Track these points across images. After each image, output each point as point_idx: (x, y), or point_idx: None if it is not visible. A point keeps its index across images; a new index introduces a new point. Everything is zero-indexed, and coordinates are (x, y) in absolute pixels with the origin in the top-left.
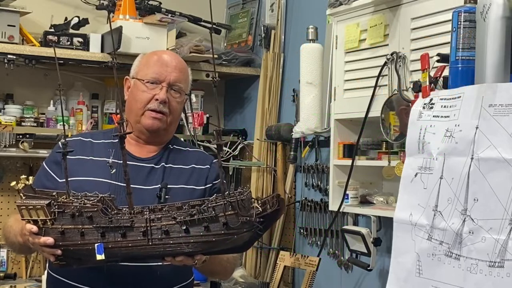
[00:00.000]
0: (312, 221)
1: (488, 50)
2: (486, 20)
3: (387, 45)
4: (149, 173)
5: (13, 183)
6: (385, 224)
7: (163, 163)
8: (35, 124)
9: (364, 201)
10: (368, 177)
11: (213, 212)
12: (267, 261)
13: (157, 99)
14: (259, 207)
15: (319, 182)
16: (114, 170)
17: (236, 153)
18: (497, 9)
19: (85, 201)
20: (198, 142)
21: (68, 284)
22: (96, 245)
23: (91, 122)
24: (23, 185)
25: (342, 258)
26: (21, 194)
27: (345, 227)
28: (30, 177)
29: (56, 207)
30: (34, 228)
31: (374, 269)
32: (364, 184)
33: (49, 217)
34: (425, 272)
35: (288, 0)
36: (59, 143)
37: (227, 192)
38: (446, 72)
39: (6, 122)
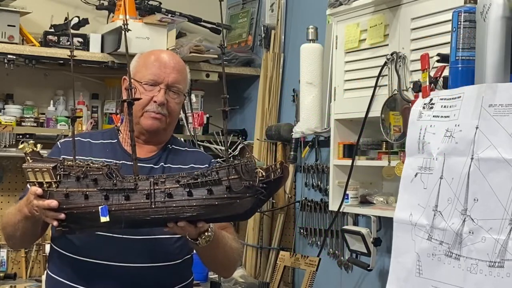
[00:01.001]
0: (312, 221)
1: (488, 50)
2: (486, 20)
3: (387, 45)
4: (149, 173)
5: (21, 145)
6: (385, 224)
7: (162, 163)
8: (35, 124)
9: (364, 201)
10: (368, 177)
11: (217, 176)
12: (267, 261)
13: (155, 101)
14: (263, 172)
15: (319, 182)
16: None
17: (236, 153)
18: (497, 9)
19: (91, 165)
20: (198, 142)
21: (66, 285)
22: (100, 207)
23: (91, 122)
24: (31, 149)
25: (342, 258)
26: (28, 157)
27: (345, 227)
28: (38, 144)
29: (62, 169)
30: (39, 190)
31: (374, 269)
32: (364, 184)
33: (54, 180)
34: (425, 272)
35: (288, 0)
36: (58, 143)
37: (232, 159)
38: (446, 72)
39: (6, 122)
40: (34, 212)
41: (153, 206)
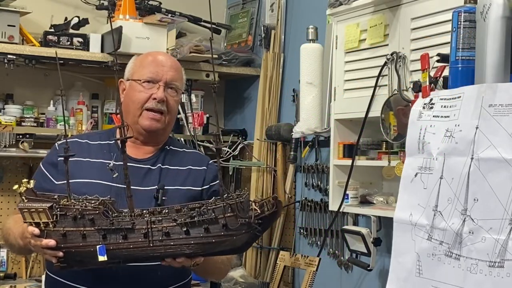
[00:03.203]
0: (312, 221)
1: (488, 50)
2: (486, 20)
3: (387, 45)
4: (146, 174)
5: (15, 186)
6: (385, 224)
7: (160, 164)
8: (35, 124)
9: (364, 201)
10: (368, 177)
11: (213, 214)
12: (267, 261)
13: (154, 98)
14: (257, 209)
15: (319, 182)
16: (116, 174)
17: (236, 153)
18: (497, 9)
19: (86, 203)
20: (198, 142)
21: (66, 285)
22: (98, 246)
23: (91, 122)
24: (25, 188)
25: (342, 258)
26: (23, 197)
27: (345, 227)
28: (31, 181)
29: (58, 209)
30: (36, 231)
31: (374, 269)
32: (364, 184)
33: (51, 220)
34: (425, 272)
35: (288, 0)
36: (56, 144)
37: (226, 195)
38: (446, 72)
39: (6, 122)
40: (30, 248)
41: (151, 245)
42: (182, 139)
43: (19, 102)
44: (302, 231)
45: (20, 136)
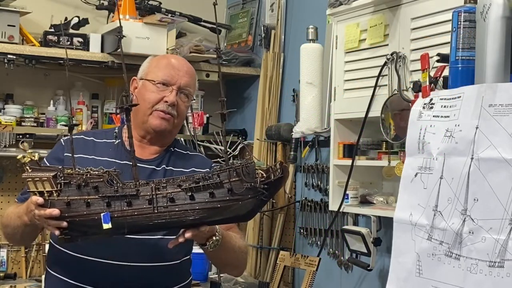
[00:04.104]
0: (312, 221)
1: (488, 50)
2: (486, 20)
3: (387, 45)
4: (150, 175)
5: (19, 156)
6: (385, 224)
7: (164, 166)
8: (35, 124)
9: (364, 201)
10: (368, 177)
11: (218, 179)
12: (267, 261)
13: (166, 101)
14: (263, 173)
15: (319, 182)
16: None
17: (236, 153)
18: (497, 9)
19: (91, 172)
20: (198, 142)
21: (65, 282)
22: (102, 214)
23: (91, 122)
24: (29, 159)
25: (342, 258)
26: (27, 167)
27: (345, 227)
28: (37, 153)
29: (62, 178)
30: (40, 200)
31: (374, 269)
32: (364, 184)
33: (55, 189)
34: (425, 272)
35: (288, 0)
36: (61, 140)
37: (232, 162)
38: (446, 72)
39: (6, 122)
40: (35, 220)
41: (156, 211)
42: (182, 139)
43: (19, 102)
44: (302, 231)
45: (20, 136)
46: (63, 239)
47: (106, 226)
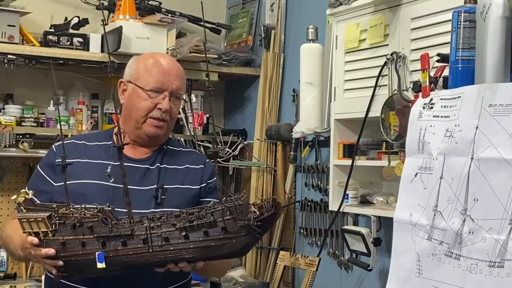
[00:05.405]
0: (312, 221)
1: (488, 50)
2: (486, 20)
3: (387, 45)
4: (145, 174)
5: (14, 196)
6: (385, 224)
7: (158, 164)
8: (35, 124)
9: (364, 201)
10: (368, 177)
11: (212, 218)
12: (267, 261)
13: (160, 109)
14: (256, 211)
15: (319, 182)
16: (112, 179)
17: (236, 153)
18: (497, 9)
19: (85, 212)
20: (198, 142)
21: (66, 285)
22: (97, 253)
23: (91, 122)
24: (23, 198)
25: (342, 258)
26: (21, 207)
27: (345, 227)
28: (30, 191)
29: (57, 218)
30: (35, 240)
31: (374, 269)
32: (364, 184)
33: (50, 229)
34: (425, 272)
35: (288, 0)
36: (53, 146)
37: (224, 198)
38: (446, 72)
39: (6, 122)
40: (31, 258)
41: (151, 251)
42: (182, 139)
43: (19, 102)
44: (302, 231)
45: (20, 136)
46: (60, 276)
47: (100, 265)
